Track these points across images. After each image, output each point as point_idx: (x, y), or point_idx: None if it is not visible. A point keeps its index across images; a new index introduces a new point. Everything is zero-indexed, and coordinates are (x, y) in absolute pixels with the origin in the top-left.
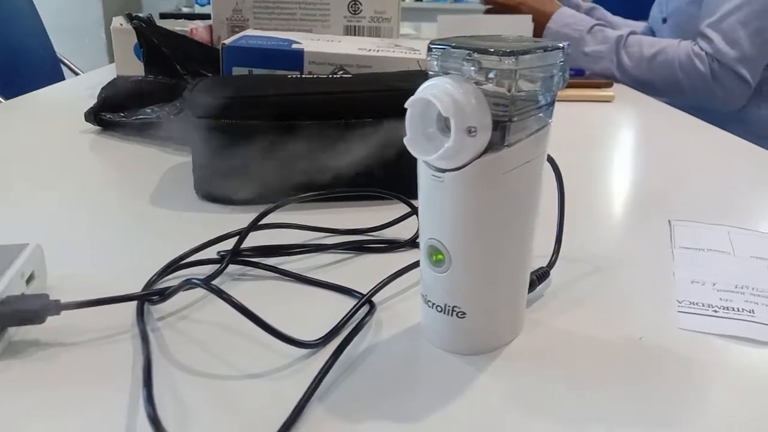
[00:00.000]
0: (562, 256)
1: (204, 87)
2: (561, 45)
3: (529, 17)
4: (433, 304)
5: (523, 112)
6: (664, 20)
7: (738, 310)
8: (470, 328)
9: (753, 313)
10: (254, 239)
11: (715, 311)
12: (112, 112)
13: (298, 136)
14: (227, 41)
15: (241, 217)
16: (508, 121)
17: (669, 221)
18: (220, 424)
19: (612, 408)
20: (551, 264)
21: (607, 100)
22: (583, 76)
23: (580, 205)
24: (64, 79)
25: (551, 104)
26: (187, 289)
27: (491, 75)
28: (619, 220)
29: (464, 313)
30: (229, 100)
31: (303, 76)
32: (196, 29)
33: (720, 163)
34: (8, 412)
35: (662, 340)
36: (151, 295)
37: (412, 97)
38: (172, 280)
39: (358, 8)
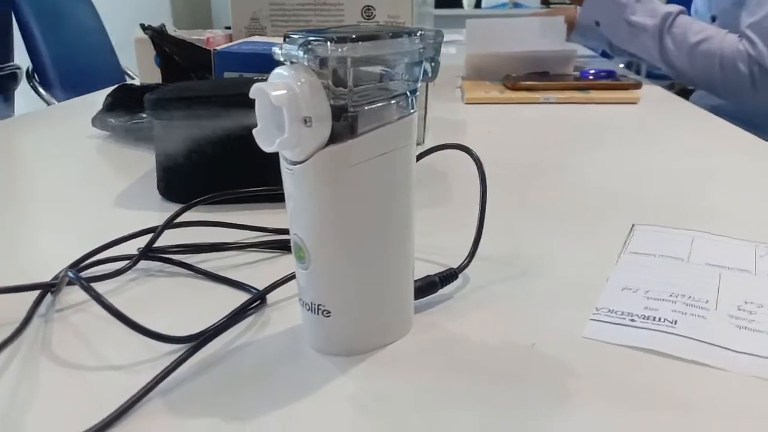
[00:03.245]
0: (491, 257)
1: (164, 89)
2: (420, 32)
3: (561, 19)
4: (304, 302)
5: (370, 102)
6: (713, 18)
7: (659, 321)
8: (336, 327)
9: (675, 324)
10: (188, 236)
11: (632, 320)
12: (117, 117)
13: (237, 136)
14: (219, 47)
15: (193, 216)
16: (349, 111)
17: (632, 225)
18: (51, 410)
19: (465, 420)
20: (462, 266)
21: (632, 102)
22: (613, 77)
23: (537, 205)
24: None
25: (412, 94)
26: (69, 284)
27: (330, 63)
28: (575, 223)
29: (329, 312)
30: (172, 101)
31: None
32: (214, 38)
33: (731, 167)
34: None
35: (556, 349)
36: (45, 286)
37: (252, 87)
38: (86, 274)
39: (372, 13)
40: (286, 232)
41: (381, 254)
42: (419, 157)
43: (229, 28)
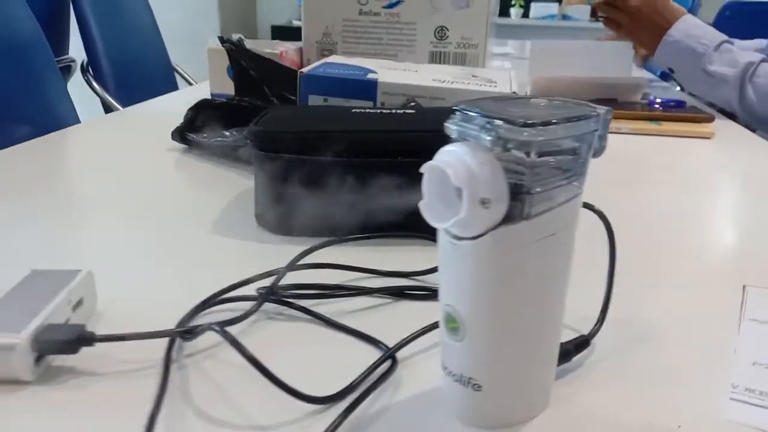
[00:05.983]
0: (611, 320)
1: (265, 120)
2: (597, 113)
3: (629, 45)
4: (450, 372)
5: (545, 183)
6: None
7: None
8: (486, 402)
9: None
10: (299, 276)
11: None
12: (197, 132)
13: (350, 173)
14: (305, 69)
15: (297, 250)
16: (526, 193)
17: (744, 287)
18: None
19: None
20: (593, 333)
21: (706, 136)
22: (683, 109)
23: (642, 259)
24: (177, 87)
25: (582, 174)
26: (207, 330)
27: (510, 145)
28: (686, 281)
29: (480, 386)
30: (284, 135)
31: (366, 110)
32: (286, 52)
33: None
34: None
35: None
36: (180, 333)
37: (426, 164)
38: (207, 316)
39: (445, 34)
40: (399, 275)
41: (536, 332)
42: None
43: (276, 28)
